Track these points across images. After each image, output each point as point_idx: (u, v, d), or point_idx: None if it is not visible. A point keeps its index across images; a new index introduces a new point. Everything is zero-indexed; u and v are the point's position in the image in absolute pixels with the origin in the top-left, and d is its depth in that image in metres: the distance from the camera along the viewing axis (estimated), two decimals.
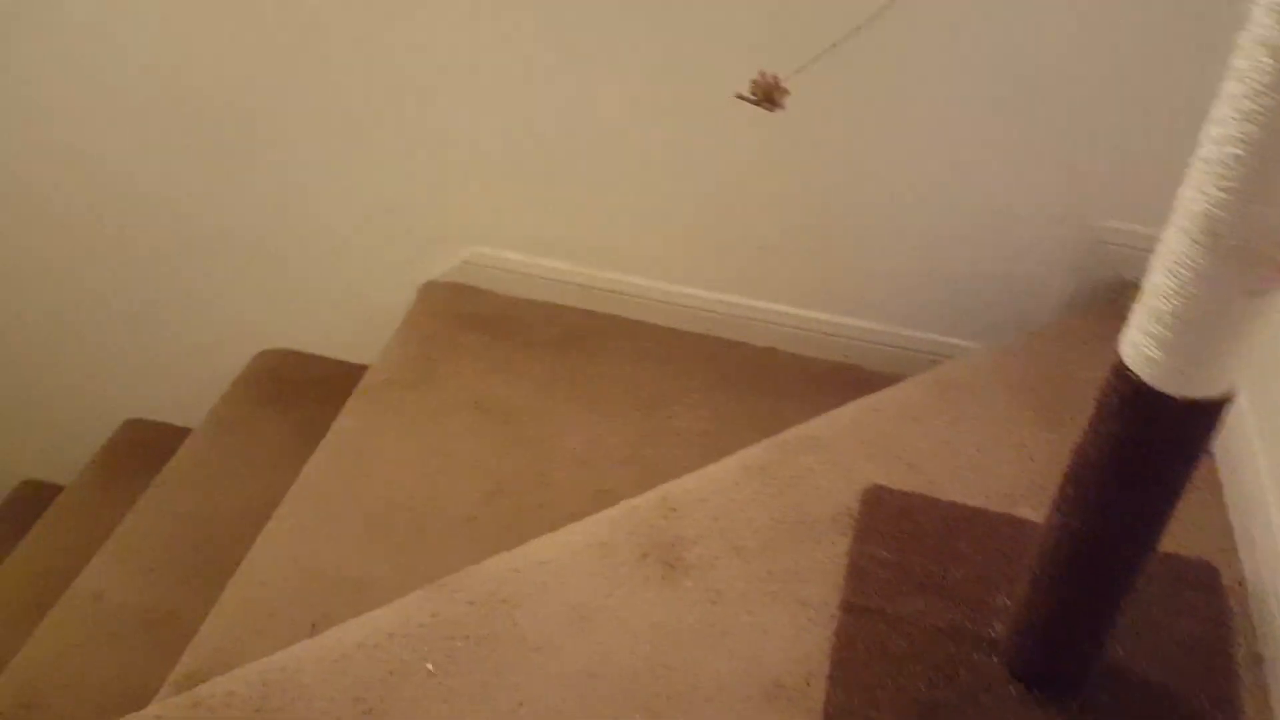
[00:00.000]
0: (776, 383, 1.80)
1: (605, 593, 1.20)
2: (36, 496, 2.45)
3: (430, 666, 1.13)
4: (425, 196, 1.83)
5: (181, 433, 2.25)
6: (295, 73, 1.68)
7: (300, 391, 2.04)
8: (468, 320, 1.86)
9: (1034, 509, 1.30)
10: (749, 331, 1.85)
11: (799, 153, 1.58)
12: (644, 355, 1.82)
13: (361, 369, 2.06)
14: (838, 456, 1.38)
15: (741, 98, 1.06)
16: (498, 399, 1.73)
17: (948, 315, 1.76)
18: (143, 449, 2.26)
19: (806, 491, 1.33)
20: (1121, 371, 0.80)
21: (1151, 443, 0.83)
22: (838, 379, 1.81)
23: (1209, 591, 1.20)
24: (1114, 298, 1.62)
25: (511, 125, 1.67)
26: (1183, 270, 0.70)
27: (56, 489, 2.44)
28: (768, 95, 1.06)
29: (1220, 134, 0.63)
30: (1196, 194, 0.66)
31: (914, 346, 1.80)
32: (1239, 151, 0.62)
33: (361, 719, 1.08)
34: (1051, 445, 1.39)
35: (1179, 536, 1.15)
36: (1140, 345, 0.77)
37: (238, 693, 1.10)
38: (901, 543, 1.26)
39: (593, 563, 1.24)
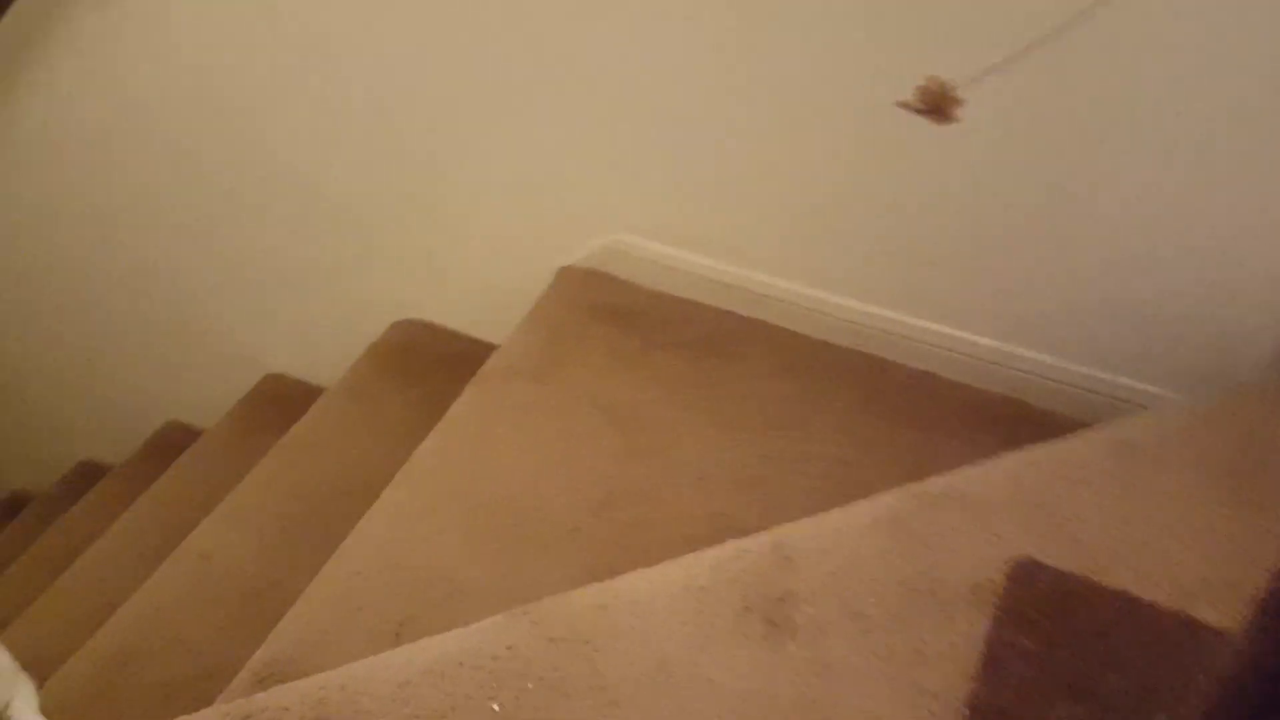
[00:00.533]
0: (929, 412, 1.61)
1: (697, 646, 1.07)
2: (179, 438, 2.51)
3: (496, 708, 1.03)
4: (570, 177, 1.72)
5: (317, 392, 2.25)
6: (444, 45, 1.60)
7: (429, 366, 1.99)
8: (600, 311, 1.75)
9: (1216, 610, 1.09)
10: (904, 351, 1.67)
11: (978, 164, 1.38)
12: (785, 367, 1.67)
13: (492, 348, 2.00)
14: (987, 517, 1.20)
15: (905, 106, 0.90)
16: (621, 401, 1.62)
17: (1134, 356, 1.53)
18: (280, 403, 2.26)
19: (944, 555, 1.15)
20: None
21: None
22: (999, 414, 1.61)
23: None
24: None
25: (667, 112, 1.54)
26: None
27: (197, 432, 2.50)
28: (936, 105, 0.89)
29: None
30: None
31: (1091, 387, 1.58)
32: None
33: None
34: (1246, 533, 1.17)
35: None
36: None
37: (292, 710, 1.03)
38: (1051, 633, 1.08)
39: (688, 610, 1.11)
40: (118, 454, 2.72)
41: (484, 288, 1.96)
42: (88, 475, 2.77)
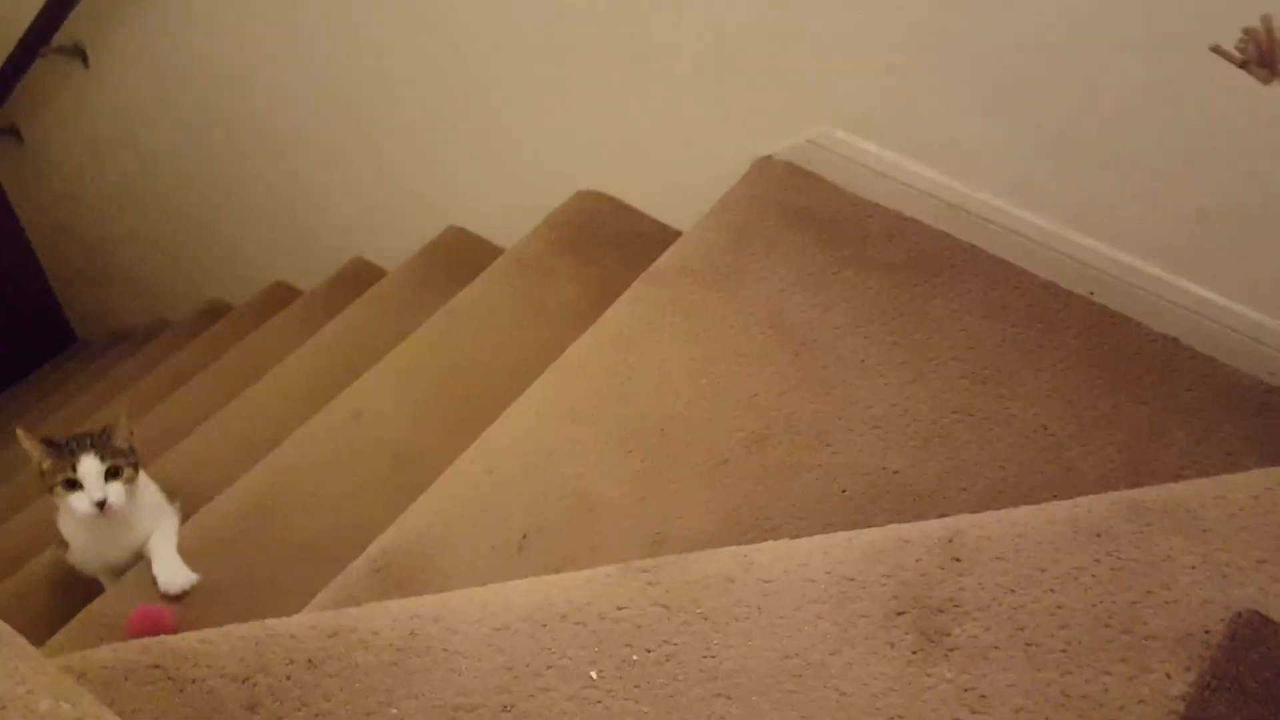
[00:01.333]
0: (1163, 386, 1.36)
1: (831, 647, 0.93)
2: (365, 274, 2.51)
3: (595, 675, 0.92)
4: (780, 55, 1.51)
5: (495, 251, 2.17)
6: None
7: (606, 243, 1.85)
8: (794, 214, 1.55)
9: None
10: (1146, 309, 1.40)
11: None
12: (999, 306, 1.44)
13: (675, 234, 1.84)
14: (1214, 549, 0.97)
15: (1221, 53, 0.66)
16: (801, 322, 1.44)
17: None
18: (458, 257, 2.20)
19: (1153, 589, 0.95)
20: None
21: None
22: (1253, 404, 1.34)
23: None
24: None
25: None
26: None
27: (381, 271, 2.48)
28: (1265, 57, 0.65)
29: None
30: None
31: None
32: None
33: (498, 716, 0.90)
34: None
35: None
36: None
37: (382, 634, 0.95)
38: (1273, 711, 0.87)
39: (829, 600, 0.96)
40: (308, 280, 2.76)
41: (675, 167, 1.79)
42: (279, 296, 2.83)
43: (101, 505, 1.36)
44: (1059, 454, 1.30)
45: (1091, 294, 1.44)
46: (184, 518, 1.57)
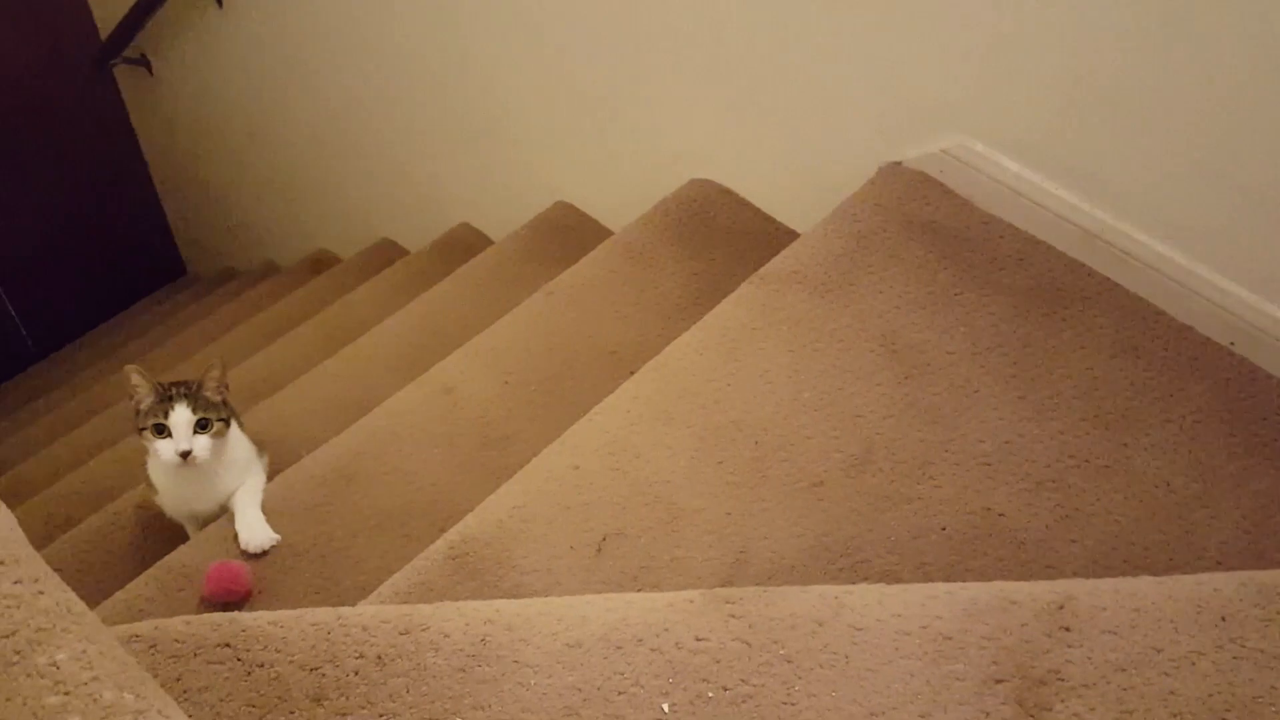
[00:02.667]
0: None
1: (921, 709, 0.87)
2: (470, 240, 2.50)
3: (666, 708, 0.88)
4: (920, 56, 1.43)
5: (603, 232, 2.13)
6: None
7: (717, 237, 1.80)
8: (919, 226, 1.47)
9: None
10: None
11: None
12: (1131, 347, 1.34)
13: (790, 234, 1.77)
14: None
15: None
16: (915, 343, 1.36)
17: None
18: (564, 234, 2.17)
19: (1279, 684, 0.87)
20: None
21: None
22: None
23: None
24: None
25: None
26: None
27: (488, 240, 2.47)
28: None
29: None
30: None
31: None
32: None
33: None
34: None
35: None
36: None
37: (453, 637, 0.93)
38: None
39: (922, 657, 0.90)
40: (414, 240, 2.76)
41: (796, 163, 1.72)
42: (385, 253, 2.85)
43: (185, 455, 1.38)
44: (1180, 514, 1.21)
45: (1232, 344, 1.33)
46: (270, 473, 1.57)
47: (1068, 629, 0.91)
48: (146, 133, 4.07)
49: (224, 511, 1.50)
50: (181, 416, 1.38)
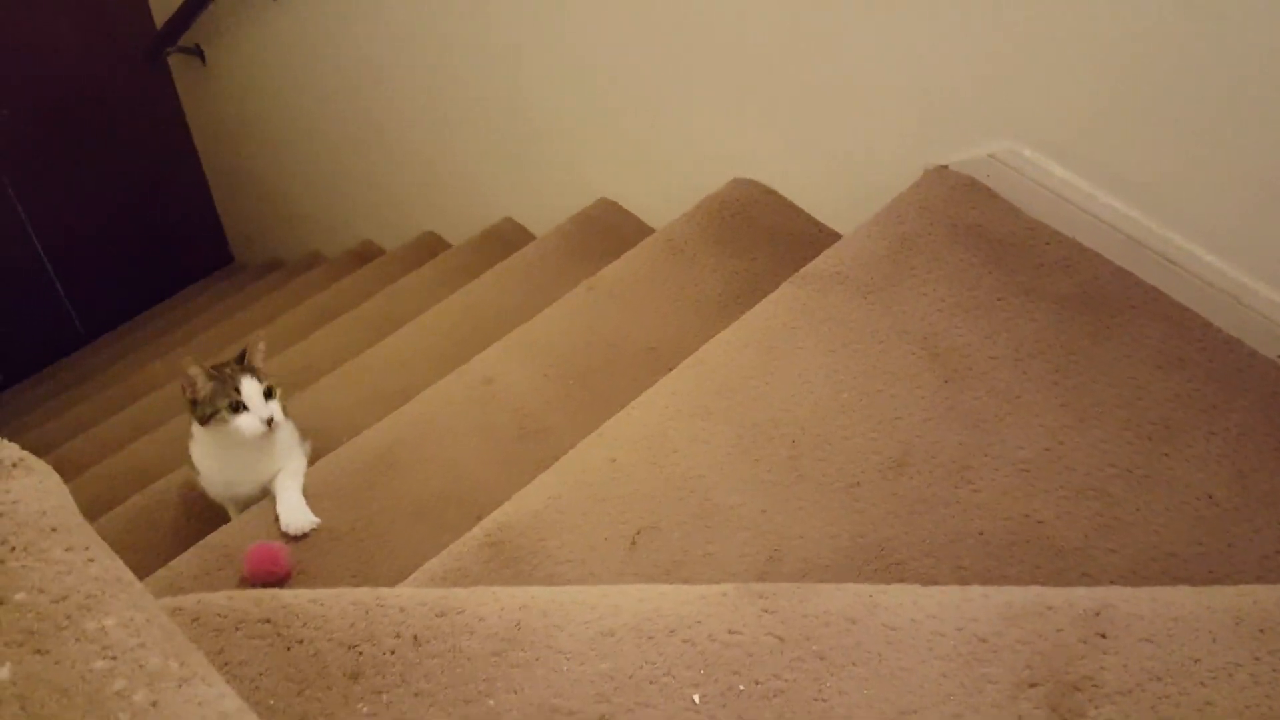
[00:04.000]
0: None
1: (953, 710, 0.87)
2: (513, 235, 2.52)
3: (697, 699, 0.88)
4: (969, 59, 1.42)
5: (644, 230, 2.14)
6: None
7: (758, 238, 1.80)
8: (965, 231, 1.47)
9: None
10: None
11: None
12: (1177, 359, 1.33)
13: (832, 236, 1.77)
14: None
15: None
16: (956, 347, 1.36)
17: None
18: (606, 231, 2.18)
19: None
20: None
21: None
22: None
23: None
24: None
25: None
26: None
27: (530, 235, 2.49)
28: None
29: None
30: None
31: None
32: None
33: None
34: None
35: None
36: None
37: (489, 621, 0.94)
38: None
39: (955, 659, 0.90)
40: (457, 234, 2.79)
41: (840, 165, 1.72)
42: (429, 245, 2.88)
43: (269, 422, 1.44)
44: (1221, 527, 1.20)
45: None
46: (312, 459, 1.60)
47: (1104, 635, 0.90)
48: (198, 122, 4.13)
49: (265, 494, 1.52)
50: (253, 388, 1.44)
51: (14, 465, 0.73)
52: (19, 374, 4.13)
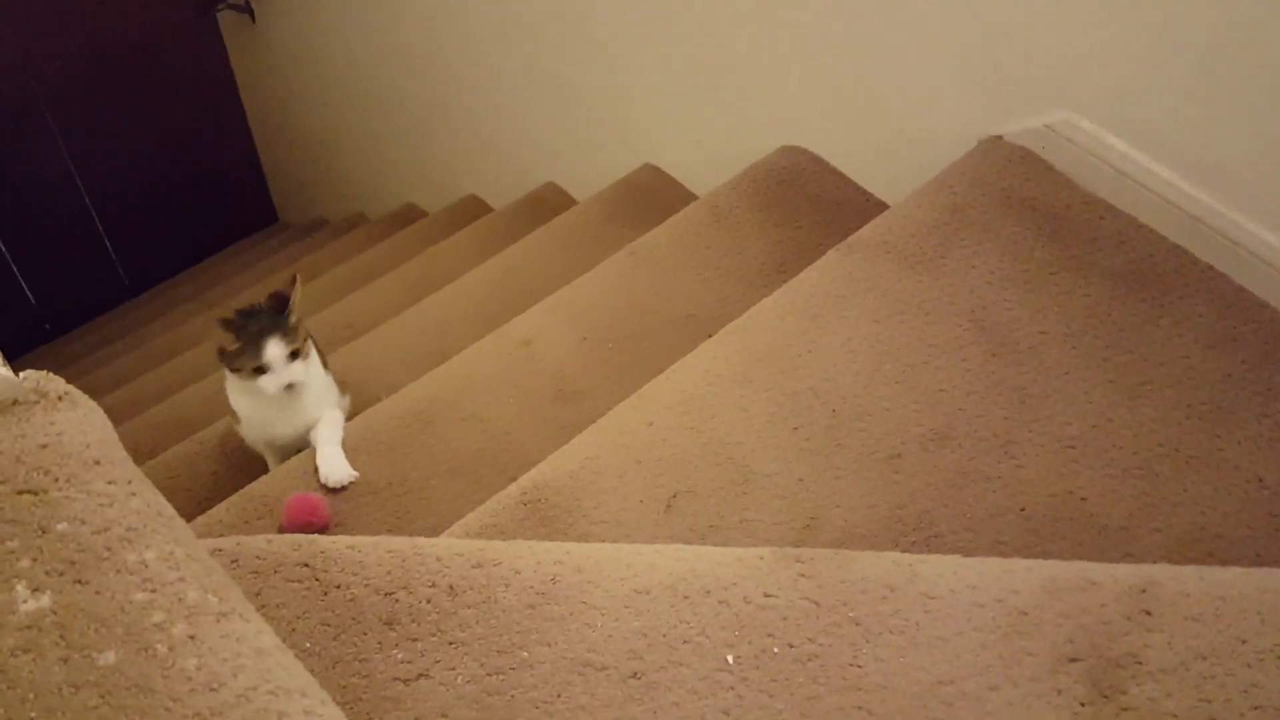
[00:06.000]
0: None
1: (991, 682, 0.85)
2: (555, 199, 2.51)
3: (731, 659, 0.88)
4: (1028, 24, 1.39)
5: (688, 196, 2.12)
6: None
7: (803, 206, 1.78)
8: (1018, 203, 1.44)
9: None
10: None
11: None
12: (1230, 338, 1.30)
13: (880, 206, 1.75)
14: None
15: None
16: (1005, 321, 1.33)
17: None
18: (649, 197, 2.16)
19: None
20: None
21: None
22: None
23: None
24: None
25: None
26: None
27: (572, 200, 2.48)
28: None
29: None
30: None
31: None
32: None
33: (626, 682, 0.87)
34: None
35: None
36: None
37: (524, 574, 0.94)
38: None
39: (995, 630, 0.88)
40: (500, 198, 2.78)
41: (890, 134, 1.69)
42: (471, 209, 2.87)
43: (289, 387, 1.43)
44: (1270, 510, 1.17)
45: None
46: (350, 414, 1.60)
47: (1149, 613, 0.88)
48: (246, 80, 4.15)
49: (303, 443, 1.53)
50: (276, 353, 1.42)
51: (59, 398, 0.74)
52: (66, 325, 4.20)
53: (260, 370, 1.42)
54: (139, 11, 3.83)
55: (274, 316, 1.44)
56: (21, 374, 0.74)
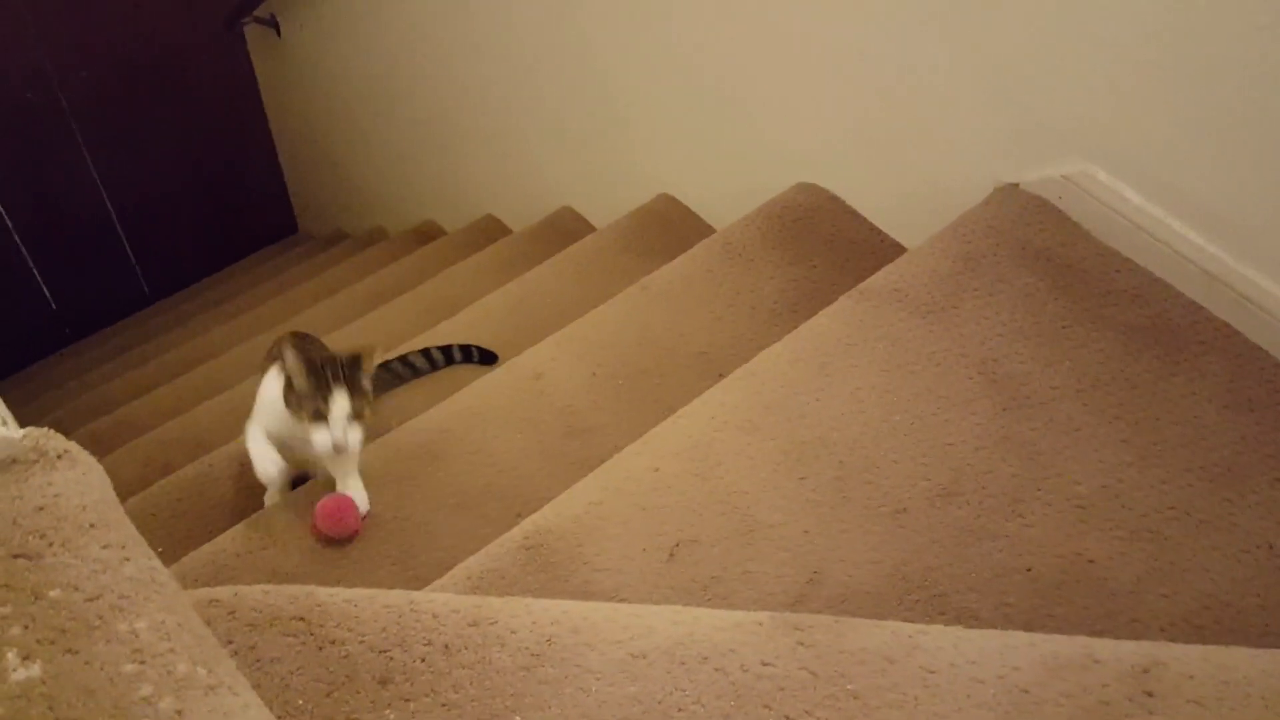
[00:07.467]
0: None
1: None
2: (572, 224, 2.51)
3: None
4: (1042, 80, 1.38)
5: (704, 228, 2.12)
6: None
7: (819, 245, 1.77)
8: (1033, 254, 1.43)
9: None
10: None
11: None
12: (1244, 399, 1.28)
13: (896, 248, 1.74)
14: None
15: None
16: (1016, 374, 1.32)
17: None
18: (665, 227, 2.16)
19: None
20: None
21: None
22: None
23: None
24: None
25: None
26: None
27: (589, 226, 2.48)
28: None
29: None
30: None
31: None
32: None
33: None
34: None
35: None
36: None
37: (520, 634, 0.93)
38: None
39: (994, 709, 0.87)
40: (518, 219, 2.79)
41: (907, 175, 1.68)
42: (488, 229, 2.88)
43: (339, 448, 1.35)
44: None
45: None
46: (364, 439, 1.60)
47: (1151, 694, 0.87)
48: (270, 93, 4.18)
49: (315, 467, 1.52)
50: (340, 409, 1.34)
51: (59, 457, 0.74)
52: (85, 330, 4.23)
53: (318, 417, 1.34)
54: (167, 24, 3.87)
55: (351, 370, 1.37)
56: (21, 432, 0.74)
